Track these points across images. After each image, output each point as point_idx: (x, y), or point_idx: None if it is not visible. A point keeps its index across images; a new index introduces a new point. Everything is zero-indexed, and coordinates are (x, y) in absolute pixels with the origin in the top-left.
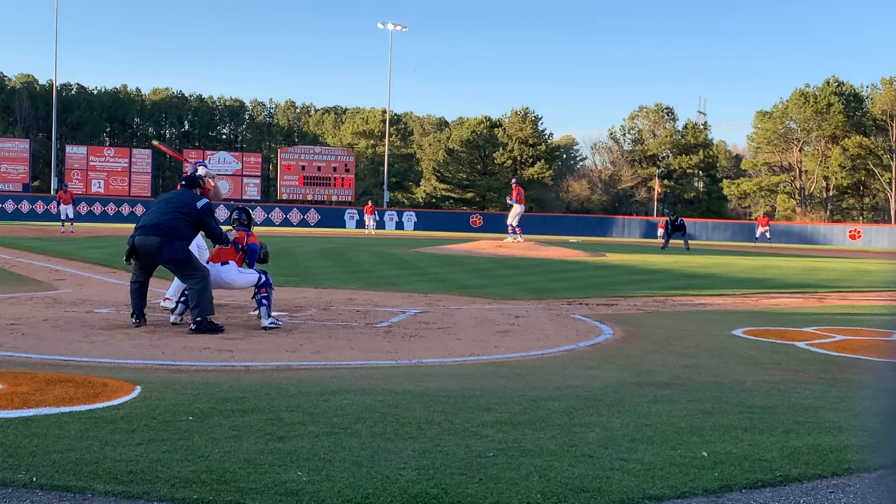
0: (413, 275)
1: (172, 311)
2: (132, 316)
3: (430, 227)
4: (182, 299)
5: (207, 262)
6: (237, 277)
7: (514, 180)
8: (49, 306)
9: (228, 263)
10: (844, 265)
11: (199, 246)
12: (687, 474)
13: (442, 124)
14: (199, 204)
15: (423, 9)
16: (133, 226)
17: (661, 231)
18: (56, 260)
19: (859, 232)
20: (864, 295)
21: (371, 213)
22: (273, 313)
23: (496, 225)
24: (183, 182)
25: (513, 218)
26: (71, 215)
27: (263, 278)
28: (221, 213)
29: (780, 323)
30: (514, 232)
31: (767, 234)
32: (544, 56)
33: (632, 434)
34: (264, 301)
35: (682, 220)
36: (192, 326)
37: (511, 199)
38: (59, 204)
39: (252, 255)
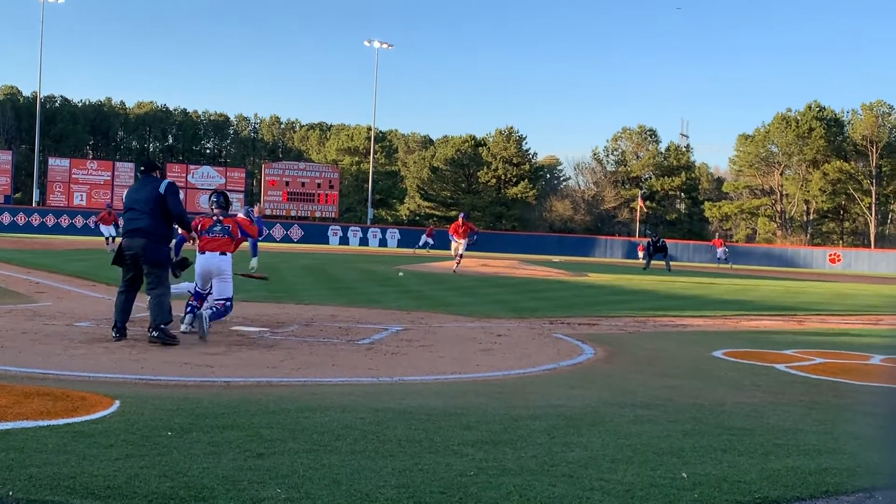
0: (396, 292)
1: (182, 320)
2: (113, 328)
3: (413, 245)
4: (188, 309)
5: (203, 252)
6: (225, 280)
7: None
8: (29, 319)
9: (227, 255)
10: (824, 288)
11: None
12: (667, 495)
13: (427, 142)
14: (162, 188)
15: (409, 27)
16: (116, 238)
17: (640, 252)
18: (36, 273)
19: (839, 256)
20: (843, 318)
21: (430, 236)
22: (254, 329)
23: (480, 244)
24: (142, 169)
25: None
26: (113, 233)
27: (229, 303)
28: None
29: (761, 345)
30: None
31: (722, 255)
32: (529, 76)
33: (612, 454)
34: (218, 313)
35: (663, 242)
36: (152, 332)
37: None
38: (98, 225)
39: (254, 245)
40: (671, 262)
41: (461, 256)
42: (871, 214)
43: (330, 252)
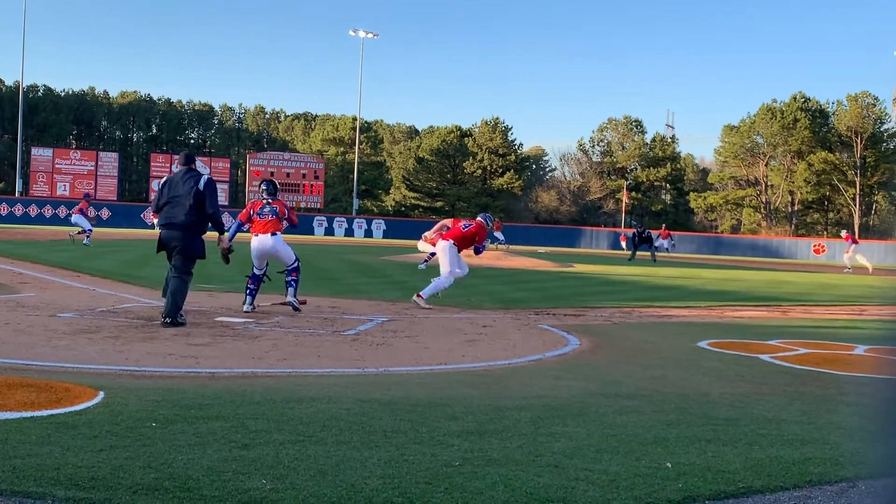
0: (381, 283)
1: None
2: (165, 318)
3: (399, 236)
4: (248, 292)
5: (256, 235)
6: (286, 249)
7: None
8: (11, 310)
9: (277, 234)
10: (808, 279)
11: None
12: (651, 485)
13: (412, 133)
14: (202, 185)
15: (394, 17)
16: (99, 228)
17: (623, 243)
18: (19, 263)
19: (823, 247)
20: (827, 308)
21: (498, 229)
22: (239, 320)
23: None
24: (182, 162)
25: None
26: (87, 226)
27: (297, 263)
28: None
29: (745, 335)
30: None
31: (666, 245)
32: (515, 67)
33: (597, 444)
34: (294, 283)
35: (648, 232)
36: (167, 319)
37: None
38: (83, 212)
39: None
40: (656, 253)
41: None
42: (855, 205)
43: (315, 243)
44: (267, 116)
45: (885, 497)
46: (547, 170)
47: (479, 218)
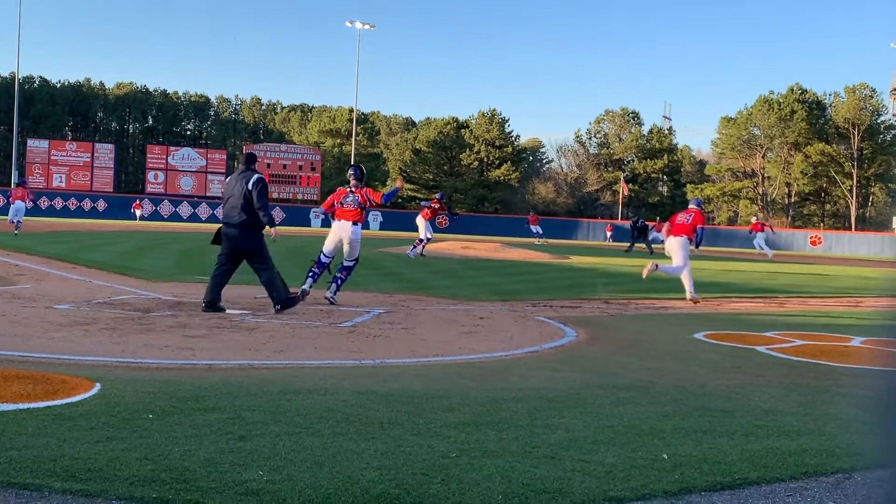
0: (378, 275)
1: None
2: (203, 300)
3: (395, 228)
4: (309, 274)
5: (339, 220)
6: (357, 243)
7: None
8: (7, 302)
9: (357, 225)
10: (805, 270)
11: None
12: (647, 476)
13: (409, 124)
14: (250, 184)
15: (391, 8)
16: (86, 220)
17: (609, 233)
18: (16, 255)
19: (820, 238)
20: (823, 300)
21: (535, 223)
22: (235, 311)
23: (462, 226)
24: (243, 162)
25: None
26: (18, 218)
27: (355, 264)
28: None
29: (741, 327)
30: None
31: (661, 238)
32: (512, 58)
33: (593, 436)
34: (340, 280)
35: (643, 223)
36: (278, 307)
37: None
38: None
39: (388, 197)
40: (652, 244)
41: (427, 240)
42: (852, 197)
43: (312, 234)
44: (263, 108)
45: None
46: (544, 161)
47: (691, 205)
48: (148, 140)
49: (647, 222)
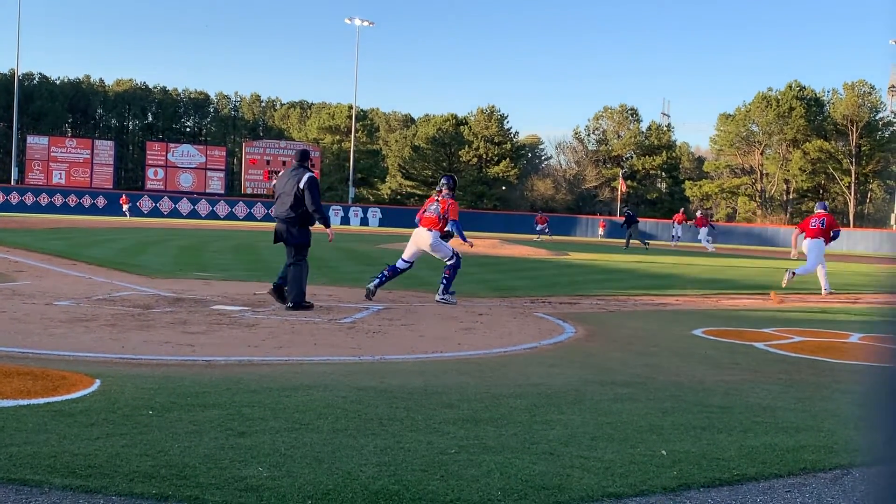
0: (377, 271)
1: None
2: (273, 284)
3: (395, 224)
4: (380, 274)
5: (419, 227)
6: (439, 245)
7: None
8: (7, 298)
9: (432, 231)
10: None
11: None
12: (646, 472)
13: (408, 121)
14: (302, 184)
15: (390, 5)
16: (86, 217)
17: (602, 230)
18: (16, 251)
19: None
20: (821, 296)
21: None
22: (235, 308)
23: (461, 222)
24: (296, 159)
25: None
26: None
27: (455, 260)
28: None
29: (740, 323)
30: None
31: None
32: (511, 55)
33: (592, 432)
34: (446, 280)
35: (629, 215)
36: (290, 305)
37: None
38: None
39: (449, 229)
40: (633, 239)
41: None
42: (850, 194)
43: (311, 231)
44: (263, 104)
45: (880, 484)
46: (543, 158)
47: (818, 209)
48: (147, 137)
49: (638, 218)
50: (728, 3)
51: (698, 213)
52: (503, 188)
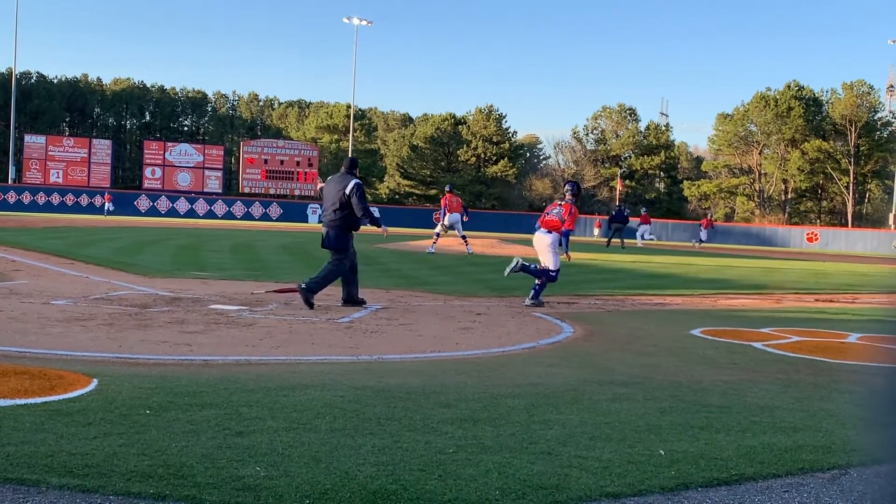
0: (375, 271)
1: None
2: (343, 299)
3: (393, 224)
4: (535, 287)
5: (539, 228)
6: (552, 252)
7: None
8: (4, 297)
9: (552, 233)
10: (801, 267)
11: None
12: (644, 472)
13: (406, 120)
14: (348, 189)
15: (389, 4)
16: (84, 216)
17: (597, 230)
18: (13, 250)
19: (816, 235)
20: (819, 296)
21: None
22: (233, 307)
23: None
24: (345, 166)
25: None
26: None
27: (555, 274)
28: None
29: (738, 323)
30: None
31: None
32: (509, 55)
33: (590, 432)
34: (538, 287)
35: (618, 215)
36: (303, 286)
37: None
38: None
39: (564, 237)
40: (613, 239)
41: (464, 237)
42: (848, 194)
43: (309, 230)
44: (261, 104)
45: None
46: (541, 158)
47: None
48: (145, 136)
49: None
50: (727, 2)
51: (643, 210)
52: (501, 188)
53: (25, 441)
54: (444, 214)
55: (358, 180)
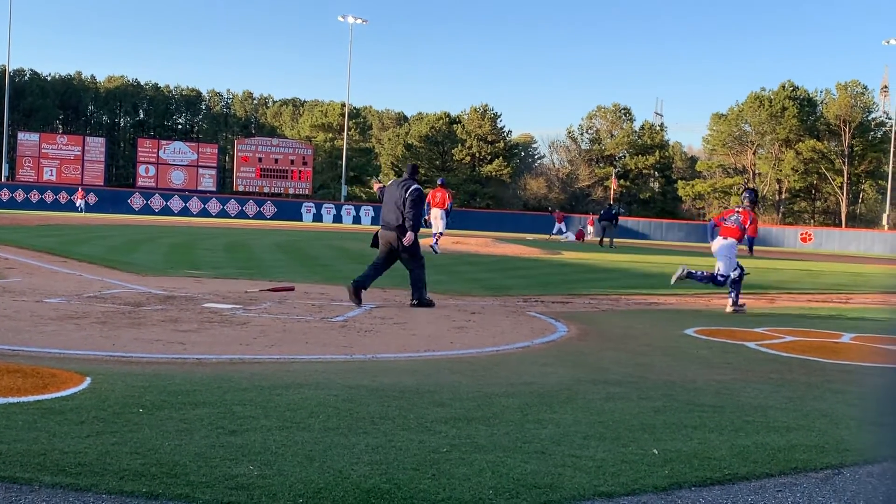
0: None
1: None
2: (353, 282)
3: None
4: (731, 292)
5: (717, 236)
6: (730, 258)
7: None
8: None
9: (729, 240)
10: (795, 267)
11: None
12: (638, 471)
13: (401, 119)
14: (408, 193)
15: (383, 3)
16: (77, 214)
17: (591, 227)
18: (5, 248)
19: (810, 235)
20: (813, 296)
21: (561, 221)
22: (226, 306)
23: (454, 221)
24: (407, 171)
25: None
26: None
27: (723, 280)
28: None
29: (731, 323)
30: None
31: (563, 230)
32: (504, 54)
33: (584, 431)
34: (734, 288)
35: (605, 212)
36: (414, 301)
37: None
38: None
39: (750, 241)
40: (608, 238)
41: (440, 234)
42: (842, 194)
43: (303, 229)
44: (255, 102)
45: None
46: (536, 157)
47: None
48: (139, 134)
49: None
50: (723, 3)
51: (556, 211)
52: (496, 187)
53: (18, 439)
54: (428, 209)
55: (418, 186)
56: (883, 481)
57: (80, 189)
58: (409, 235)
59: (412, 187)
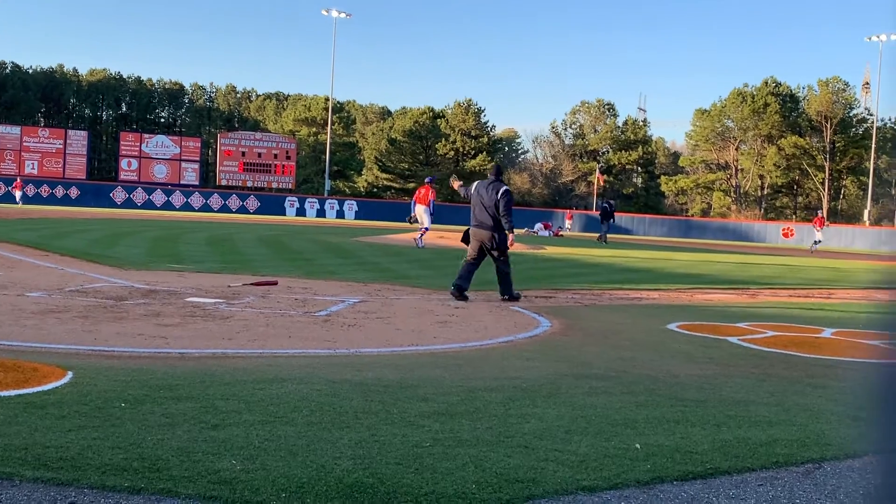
0: (353, 264)
1: None
2: (452, 285)
3: (371, 217)
4: None
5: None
6: None
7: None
8: None
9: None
10: (777, 262)
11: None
12: (620, 466)
13: (385, 114)
14: (499, 194)
15: None
16: (59, 207)
17: (568, 222)
18: None
19: (792, 230)
20: (794, 291)
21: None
22: (209, 300)
23: (438, 216)
24: (493, 173)
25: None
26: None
27: None
28: None
29: (714, 318)
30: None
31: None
32: (488, 49)
33: (567, 425)
34: None
35: (604, 207)
36: (505, 297)
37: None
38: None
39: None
40: (606, 235)
41: (426, 229)
42: (824, 190)
43: (286, 223)
44: (238, 96)
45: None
46: (519, 152)
47: None
48: (121, 127)
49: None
50: None
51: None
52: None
53: None
54: (413, 206)
55: (507, 187)
56: (863, 475)
57: (17, 179)
58: (511, 237)
59: (502, 189)
